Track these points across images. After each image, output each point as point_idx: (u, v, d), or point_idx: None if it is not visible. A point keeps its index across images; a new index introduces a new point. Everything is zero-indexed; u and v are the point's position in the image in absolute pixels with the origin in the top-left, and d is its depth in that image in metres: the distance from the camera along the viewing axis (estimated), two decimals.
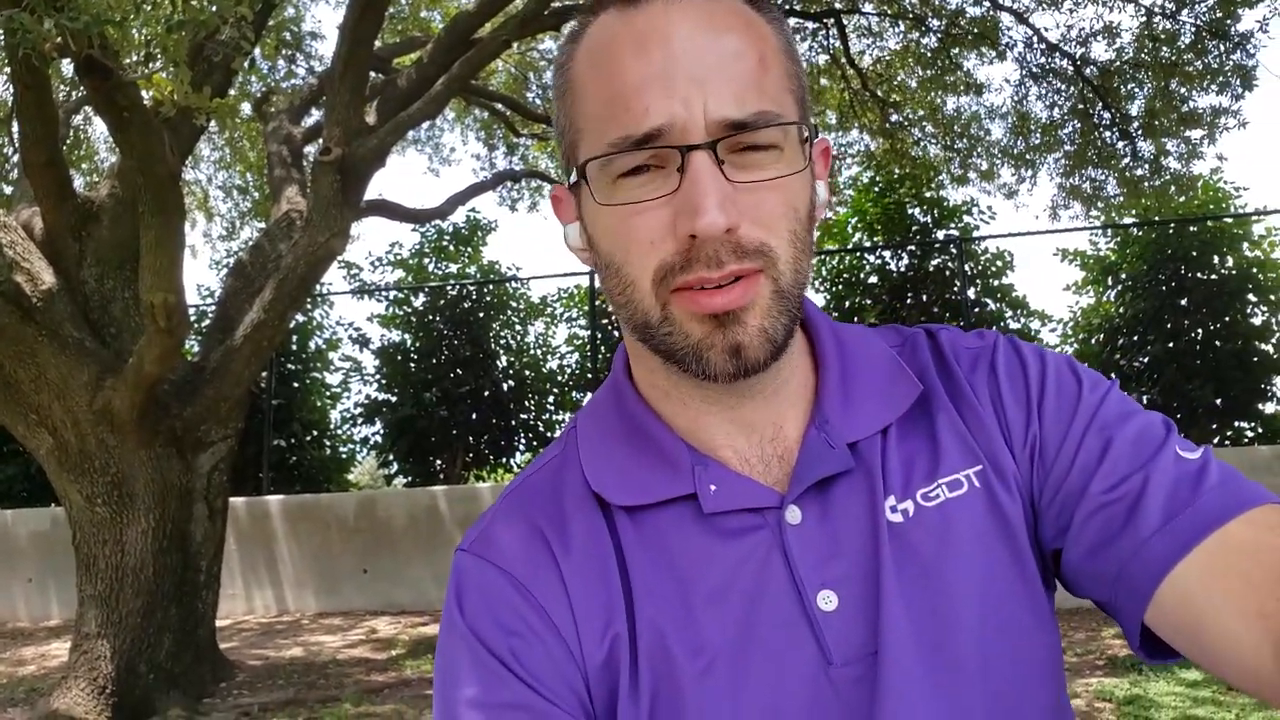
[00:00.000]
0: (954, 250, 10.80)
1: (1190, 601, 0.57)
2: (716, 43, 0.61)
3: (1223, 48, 7.79)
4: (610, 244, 0.65)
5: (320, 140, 5.68)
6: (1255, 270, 10.03)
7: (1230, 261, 10.14)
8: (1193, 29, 7.82)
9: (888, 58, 9.43)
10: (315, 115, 8.30)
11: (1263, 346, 9.96)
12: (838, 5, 8.69)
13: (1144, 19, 8.03)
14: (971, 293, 10.80)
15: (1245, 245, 10.15)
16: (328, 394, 12.36)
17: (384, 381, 11.81)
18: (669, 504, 0.68)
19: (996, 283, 10.97)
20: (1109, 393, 0.69)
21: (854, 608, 0.64)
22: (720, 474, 0.67)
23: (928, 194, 11.09)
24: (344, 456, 12.56)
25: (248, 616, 8.16)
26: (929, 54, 8.95)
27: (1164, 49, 7.95)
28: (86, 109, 8.34)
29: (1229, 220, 10.18)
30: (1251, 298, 10.02)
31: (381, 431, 11.73)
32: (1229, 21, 7.60)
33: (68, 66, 5.07)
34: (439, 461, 11.61)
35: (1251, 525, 0.58)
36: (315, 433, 12.01)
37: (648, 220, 0.61)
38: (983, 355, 0.73)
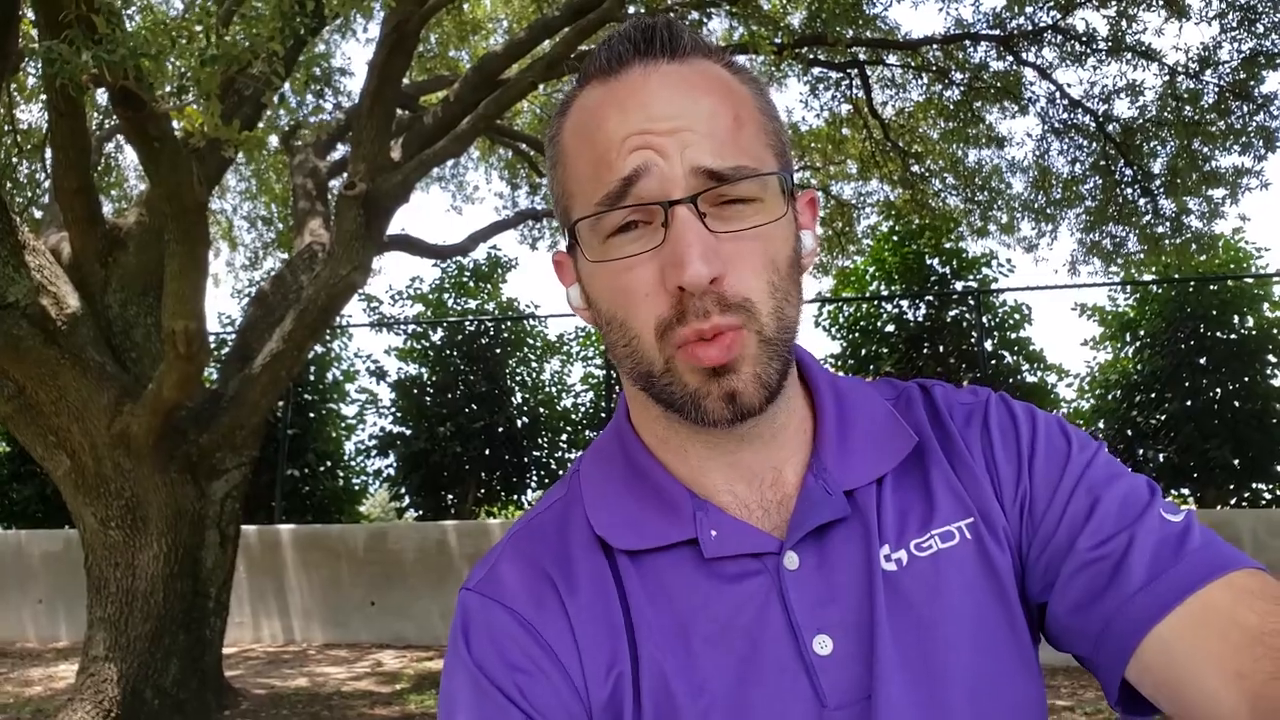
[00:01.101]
0: (972, 302, 10.79)
1: (1171, 659, 0.59)
2: (693, 104, 0.64)
3: (1246, 109, 7.82)
4: (608, 300, 0.67)
5: (345, 174, 5.77)
6: (1276, 331, 9.96)
7: (1251, 321, 10.08)
8: (1216, 89, 7.86)
9: (910, 109, 9.51)
10: (341, 150, 8.43)
11: None
12: (862, 57, 8.79)
13: (1167, 78, 8.08)
14: (989, 345, 10.76)
15: (1266, 306, 10.10)
16: (343, 425, 12.39)
17: (399, 414, 11.83)
18: (671, 548, 0.69)
19: (1014, 335, 10.93)
20: (1097, 454, 0.70)
21: (848, 652, 0.65)
22: (720, 519, 0.69)
23: (947, 245, 11.09)
24: (356, 488, 12.54)
25: (254, 645, 8.13)
26: (951, 106, 9.02)
27: (1187, 108, 7.99)
28: (118, 137, 8.51)
29: (1250, 280, 10.14)
30: (1271, 358, 9.93)
31: (394, 464, 11.73)
32: (1252, 83, 7.64)
33: (102, 95, 5.18)
34: (450, 496, 11.59)
35: (1230, 589, 0.60)
36: (329, 463, 12.02)
37: (639, 275, 0.64)
38: (976, 411, 0.75)
